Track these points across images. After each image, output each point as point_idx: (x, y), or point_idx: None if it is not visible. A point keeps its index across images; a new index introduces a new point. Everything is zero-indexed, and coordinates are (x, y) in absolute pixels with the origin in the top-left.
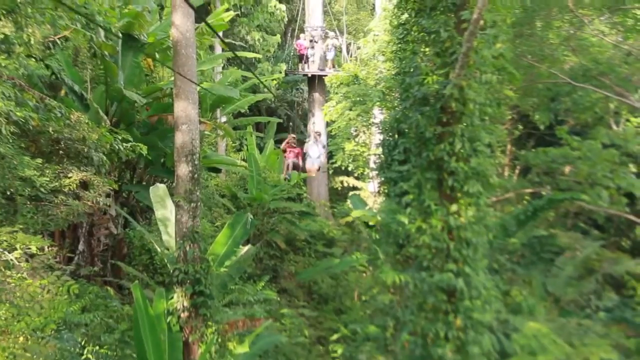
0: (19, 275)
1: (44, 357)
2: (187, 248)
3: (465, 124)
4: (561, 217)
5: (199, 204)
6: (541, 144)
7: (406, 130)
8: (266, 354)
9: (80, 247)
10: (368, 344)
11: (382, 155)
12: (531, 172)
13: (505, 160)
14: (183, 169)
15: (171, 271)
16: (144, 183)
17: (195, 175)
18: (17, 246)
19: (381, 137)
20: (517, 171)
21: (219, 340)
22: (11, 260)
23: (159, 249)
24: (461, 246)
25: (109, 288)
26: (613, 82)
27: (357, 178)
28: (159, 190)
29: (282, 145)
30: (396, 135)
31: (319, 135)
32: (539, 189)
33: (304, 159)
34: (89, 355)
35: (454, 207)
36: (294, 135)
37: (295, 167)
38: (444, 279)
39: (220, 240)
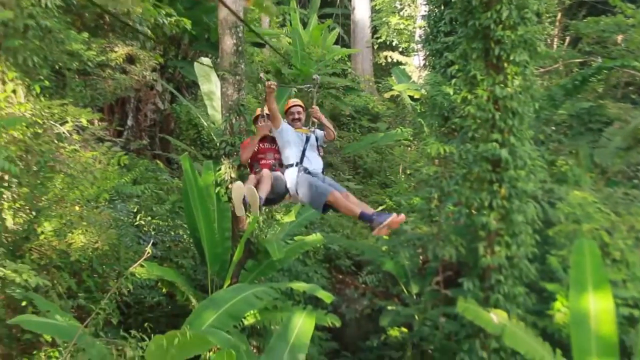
0: (72, 147)
1: (99, 225)
2: (234, 120)
3: None
4: (611, 88)
5: (243, 77)
6: (592, 13)
7: (452, 0)
8: (312, 224)
9: (129, 122)
10: (413, 215)
11: (427, 28)
12: (581, 42)
13: (555, 31)
14: (227, 42)
15: (218, 144)
16: (189, 59)
17: (240, 48)
18: (68, 119)
19: (426, 9)
20: (566, 42)
21: (267, 210)
22: (63, 132)
23: (205, 123)
24: (507, 116)
25: (158, 161)
26: None
27: (401, 53)
28: (203, 65)
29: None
30: (442, 6)
31: (302, 117)
32: (589, 58)
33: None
34: (142, 222)
35: (500, 77)
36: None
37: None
38: (488, 148)
39: None
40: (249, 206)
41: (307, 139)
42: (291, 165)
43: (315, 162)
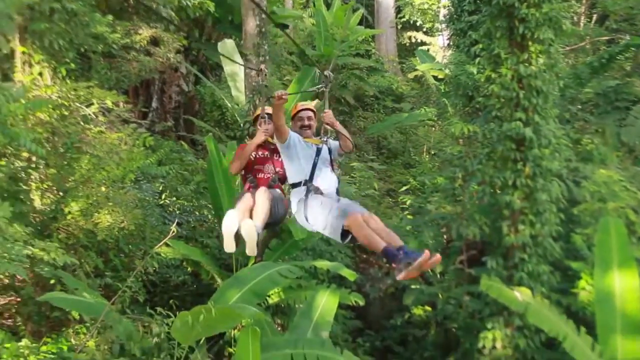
0: (98, 129)
1: (125, 205)
2: (257, 101)
3: None
4: (638, 66)
5: (267, 57)
6: None
7: None
8: None
9: (154, 104)
10: (437, 195)
11: (451, 7)
12: (609, 19)
13: (581, 8)
14: (250, 23)
15: (242, 125)
16: (213, 41)
17: (263, 29)
18: (94, 101)
19: None
20: (593, 20)
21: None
22: (89, 114)
23: (229, 105)
24: (531, 95)
25: (182, 143)
26: None
27: (425, 33)
28: (227, 46)
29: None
30: None
31: (312, 124)
32: (616, 36)
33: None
34: (167, 202)
35: (524, 55)
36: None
37: (278, 211)
38: (512, 127)
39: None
40: (243, 241)
41: (319, 152)
42: (298, 184)
43: (328, 180)
